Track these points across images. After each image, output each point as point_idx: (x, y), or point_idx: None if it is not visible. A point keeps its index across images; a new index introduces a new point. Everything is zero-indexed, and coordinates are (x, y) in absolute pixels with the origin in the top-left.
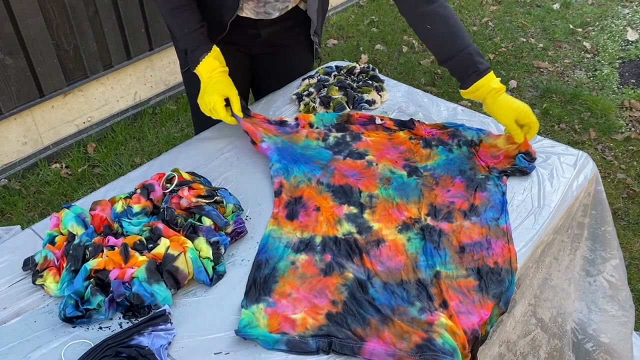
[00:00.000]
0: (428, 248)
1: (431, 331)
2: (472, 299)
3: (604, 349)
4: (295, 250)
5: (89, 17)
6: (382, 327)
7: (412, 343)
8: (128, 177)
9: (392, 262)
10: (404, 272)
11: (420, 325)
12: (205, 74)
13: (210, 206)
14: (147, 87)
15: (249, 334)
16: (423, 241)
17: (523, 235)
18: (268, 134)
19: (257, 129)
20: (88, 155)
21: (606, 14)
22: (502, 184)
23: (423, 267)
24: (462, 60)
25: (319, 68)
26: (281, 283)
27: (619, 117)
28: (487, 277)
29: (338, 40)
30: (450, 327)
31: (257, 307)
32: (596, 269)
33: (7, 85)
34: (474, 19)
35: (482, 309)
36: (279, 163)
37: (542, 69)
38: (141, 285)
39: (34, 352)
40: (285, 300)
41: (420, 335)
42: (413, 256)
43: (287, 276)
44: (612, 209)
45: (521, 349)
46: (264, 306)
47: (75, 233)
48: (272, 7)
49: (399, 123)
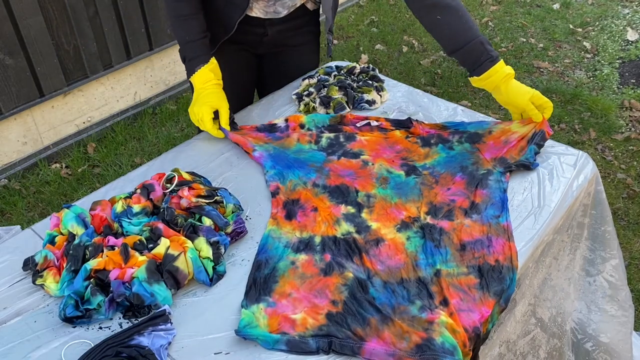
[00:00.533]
0: (428, 246)
1: (431, 330)
2: (473, 296)
3: (604, 349)
4: (295, 250)
5: (89, 17)
6: (382, 327)
7: (412, 343)
8: (128, 177)
9: (392, 261)
10: (404, 270)
11: (421, 323)
12: (198, 85)
13: (210, 206)
14: (147, 87)
15: (249, 334)
16: (423, 239)
17: (523, 235)
18: (259, 143)
19: (246, 139)
20: (88, 155)
21: (606, 14)
22: (504, 181)
23: (423, 265)
24: (474, 49)
25: (319, 68)
26: (281, 283)
27: (619, 117)
28: (488, 274)
29: (338, 40)
30: (451, 325)
31: (257, 307)
32: (596, 268)
33: (7, 85)
34: (474, 19)
35: (483, 307)
36: (273, 169)
37: (542, 69)
38: (141, 285)
39: (34, 352)
40: (286, 300)
41: (420, 335)
42: (413, 255)
43: (287, 276)
44: (612, 209)
45: (521, 348)
46: (264, 306)
47: (75, 233)
48: (281, 5)
49: (396, 123)
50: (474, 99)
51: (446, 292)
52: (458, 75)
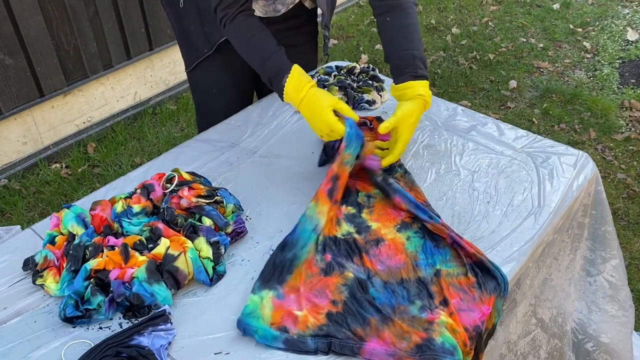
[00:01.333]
0: (428, 246)
1: (431, 330)
2: (473, 296)
3: (604, 349)
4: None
5: (89, 17)
6: (382, 327)
7: (412, 343)
8: (128, 177)
9: (392, 261)
10: (404, 270)
11: (421, 323)
12: (296, 98)
13: (210, 206)
14: (147, 87)
15: (250, 325)
16: (423, 239)
17: (523, 235)
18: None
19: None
20: (88, 155)
21: (606, 14)
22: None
23: (423, 265)
24: (405, 59)
25: (319, 68)
26: (295, 275)
27: (619, 117)
28: (482, 272)
29: (338, 40)
30: (451, 325)
31: (266, 293)
32: (596, 269)
33: (7, 85)
34: (474, 19)
35: (483, 305)
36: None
37: (542, 69)
38: (141, 285)
39: (34, 352)
40: (293, 295)
41: (420, 335)
42: (413, 255)
43: (301, 267)
44: (612, 209)
45: (521, 349)
46: (273, 295)
47: (75, 233)
48: (281, 2)
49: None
50: (474, 99)
51: (446, 292)
52: (458, 76)
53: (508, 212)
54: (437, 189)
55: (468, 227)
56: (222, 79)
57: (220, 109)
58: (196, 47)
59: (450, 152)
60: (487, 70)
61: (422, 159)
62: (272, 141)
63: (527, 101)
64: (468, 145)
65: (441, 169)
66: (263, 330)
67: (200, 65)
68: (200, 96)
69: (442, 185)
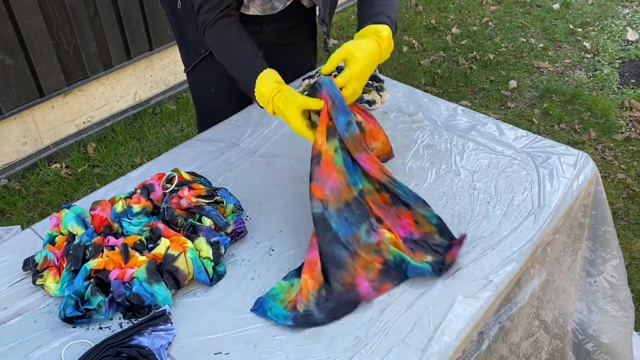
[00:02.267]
0: (348, 163)
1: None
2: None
3: (604, 350)
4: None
5: (89, 17)
6: (354, 264)
7: (376, 270)
8: (128, 177)
9: (331, 182)
10: (344, 191)
11: (373, 248)
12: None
13: (210, 206)
14: (147, 87)
15: (266, 302)
16: (343, 151)
17: (523, 235)
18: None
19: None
20: (88, 155)
21: (606, 14)
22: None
23: (352, 183)
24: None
25: (319, 68)
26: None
27: (619, 117)
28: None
29: (338, 40)
30: (393, 239)
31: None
32: (596, 269)
33: (7, 85)
34: (474, 19)
35: (402, 220)
36: None
37: (542, 69)
38: (141, 285)
39: (34, 352)
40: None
41: (377, 261)
42: (343, 171)
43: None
44: (612, 209)
45: (524, 350)
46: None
47: (76, 233)
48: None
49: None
50: (474, 99)
51: (375, 210)
52: (458, 76)
53: (508, 212)
54: (437, 189)
55: (468, 227)
56: (220, 79)
57: (220, 109)
58: (194, 48)
59: (450, 152)
60: (487, 70)
61: (422, 159)
62: (272, 141)
63: (527, 101)
64: (468, 145)
65: (441, 169)
66: (276, 308)
67: (198, 66)
68: (199, 96)
69: (442, 185)
